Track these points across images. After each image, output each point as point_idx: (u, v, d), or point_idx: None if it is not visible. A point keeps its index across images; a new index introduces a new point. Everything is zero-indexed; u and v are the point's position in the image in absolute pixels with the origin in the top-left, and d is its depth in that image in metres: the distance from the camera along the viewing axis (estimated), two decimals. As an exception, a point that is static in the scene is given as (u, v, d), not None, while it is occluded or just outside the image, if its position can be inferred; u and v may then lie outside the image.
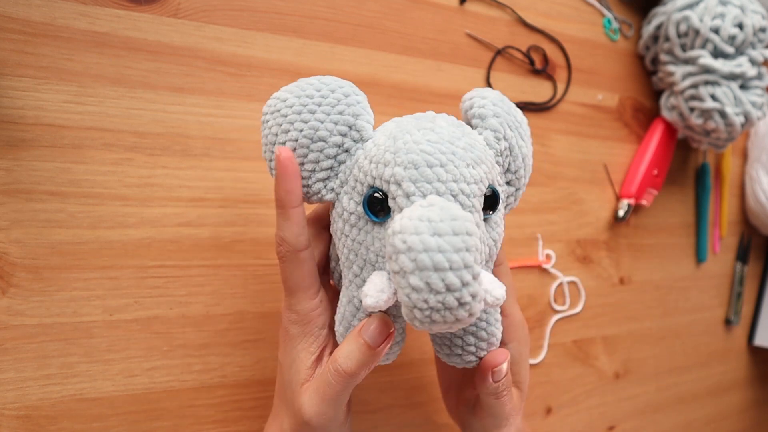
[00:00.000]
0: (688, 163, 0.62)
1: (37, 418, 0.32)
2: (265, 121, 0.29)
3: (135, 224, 0.34)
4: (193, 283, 0.36)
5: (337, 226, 0.29)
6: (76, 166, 0.33)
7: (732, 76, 0.49)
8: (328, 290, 0.31)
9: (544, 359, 0.50)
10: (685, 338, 0.62)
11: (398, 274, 0.22)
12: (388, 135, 0.27)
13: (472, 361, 0.30)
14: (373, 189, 0.26)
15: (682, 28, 0.50)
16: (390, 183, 0.25)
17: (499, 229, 0.29)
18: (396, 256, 0.22)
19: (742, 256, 0.67)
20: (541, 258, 0.50)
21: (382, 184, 0.26)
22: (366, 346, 0.27)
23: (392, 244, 0.22)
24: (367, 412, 0.41)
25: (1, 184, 0.31)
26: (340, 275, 0.30)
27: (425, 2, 0.45)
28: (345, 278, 0.29)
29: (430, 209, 0.22)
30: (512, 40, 0.49)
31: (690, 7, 0.50)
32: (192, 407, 0.36)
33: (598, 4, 0.54)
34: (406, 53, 0.44)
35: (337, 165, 0.28)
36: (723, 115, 0.50)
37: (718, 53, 0.49)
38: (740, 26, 0.49)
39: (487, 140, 0.29)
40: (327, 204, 0.31)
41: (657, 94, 0.58)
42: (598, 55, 0.54)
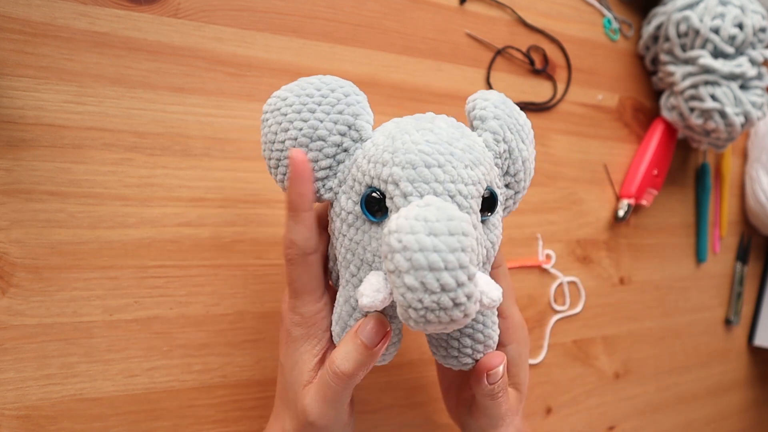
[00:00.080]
0: (688, 163, 0.62)
1: (37, 418, 0.32)
2: (265, 120, 0.29)
3: (135, 224, 0.34)
4: (193, 283, 0.36)
5: (335, 225, 0.29)
6: (76, 166, 0.33)
7: (732, 76, 0.49)
8: (328, 291, 0.31)
9: (544, 359, 0.50)
10: (685, 338, 0.62)
11: (393, 273, 0.22)
12: (387, 135, 0.27)
13: (469, 363, 0.30)
14: (371, 189, 0.26)
15: (682, 28, 0.50)
16: (388, 183, 0.25)
17: (497, 231, 0.29)
18: (391, 255, 0.22)
19: (742, 256, 0.67)
20: (541, 258, 0.50)
21: (380, 184, 0.26)
22: (363, 346, 0.27)
23: (388, 243, 0.22)
24: (367, 412, 0.41)
25: (1, 184, 0.31)
26: (337, 275, 0.30)
27: (425, 2, 0.45)
28: (342, 278, 0.29)
29: (426, 209, 0.22)
30: (512, 40, 0.49)
31: (690, 7, 0.50)
32: (192, 407, 0.36)
33: (598, 4, 0.54)
34: (406, 53, 0.44)
35: (335, 164, 0.28)
36: (723, 115, 0.50)
37: (718, 53, 0.49)
38: (740, 26, 0.49)
39: (487, 142, 0.29)
40: (326, 204, 0.31)
41: (657, 94, 0.58)
42: (598, 55, 0.54)
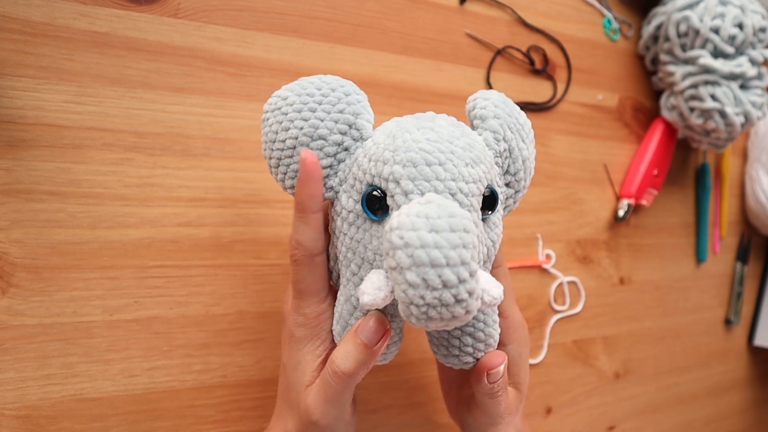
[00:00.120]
0: (688, 163, 0.62)
1: (37, 418, 0.32)
2: (266, 119, 0.29)
3: (135, 224, 0.34)
4: (193, 283, 0.36)
5: (336, 224, 0.29)
6: (76, 166, 0.33)
7: (732, 76, 0.49)
8: (331, 292, 0.31)
9: (544, 359, 0.50)
10: (685, 338, 0.62)
11: (395, 270, 0.22)
12: (388, 134, 0.27)
13: (470, 362, 0.30)
14: (371, 187, 0.26)
15: (682, 28, 0.50)
16: (388, 181, 0.25)
17: (497, 230, 0.29)
18: (393, 252, 0.22)
19: (742, 256, 0.67)
20: (541, 258, 0.50)
21: (381, 182, 0.26)
22: (363, 345, 0.27)
23: (389, 240, 0.22)
24: (367, 412, 0.41)
25: (1, 184, 0.31)
26: (338, 274, 0.30)
27: (425, 2, 0.45)
28: (343, 277, 0.29)
29: (427, 206, 0.22)
30: (512, 40, 0.49)
31: (690, 7, 0.50)
32: (192, 407, 0.36)
33: (598, 4, 0.54)
34: (406, 53, 0.44)
35: (336, 163, 0.28)
36: (723, 115, 0.50)
37: (718, 53, 0.49)
38: (740, 26, 0.49)
39: (487, 141, 0.29)
40: (327, 203, 0.31)
41: (657, 94, 0.58)
42: (598, 55, 0.54)
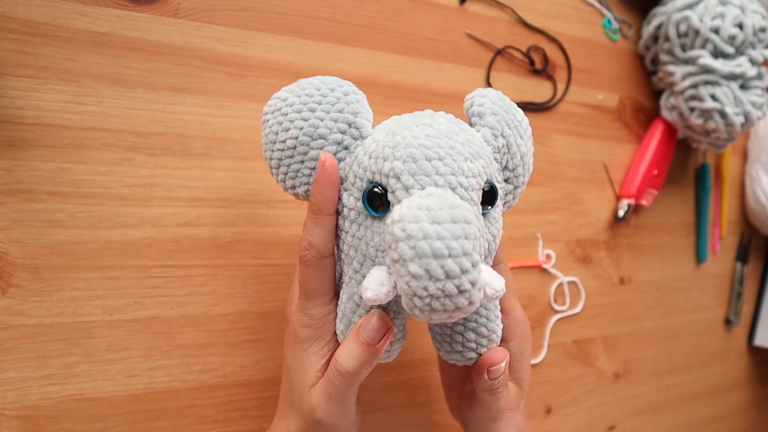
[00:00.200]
0: (688, 163, 0.62)
1: (37, 418, 0.32)
2: (266, 121, 0.29)
3: (135, 224, 0.34)
4: (193, 283, 0.36)
5: (337, 223, 0.29)
6: (76, 166, 0.33)
7: (732, 76, 0.49)
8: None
9: (544, 359, 0.50)
10: (685, 338, 0.62)
11: (397, 262, 0.22)
12: (387, 131, 0.27)
13: (473, 358, 0.30)
14: (372, 184, 0.26)
15: (682, 28, 0.50)
16: (389, 177, 0.26)
17: (497, 225, 0.29)
18: (395, 245, 0.22)
19: (742, 256, 0.67)
20: (541, 258, 0.50)
21: (382, 179, 0.26)
22: (365, 344, 0.27)
23: (391, 232, 0.22)
24: (367, 412, 0.41)
25: (1, 184, 0.31)
26: (341, 274, 0.30)
27: (425, 2, 0.45)
28: (345, 275, 0.29)
29: (428, 198, 0.23)
30: (512, 40, 0.49)
31: (690, 7, 0.50)
32: (192, 407, 0.36)
33: (598, 4, 0.54)
34: (406, 53, 0.44)
35: (337, 162, 0.28)
36: (723, 115, 0.50)
37: (718, 53, 0.49)
38: (740, 26, 0.49)
39: (485, 137, 0.29)
40: None
41: (657, 94, 0.58)
42: (598, 55, 0.54)
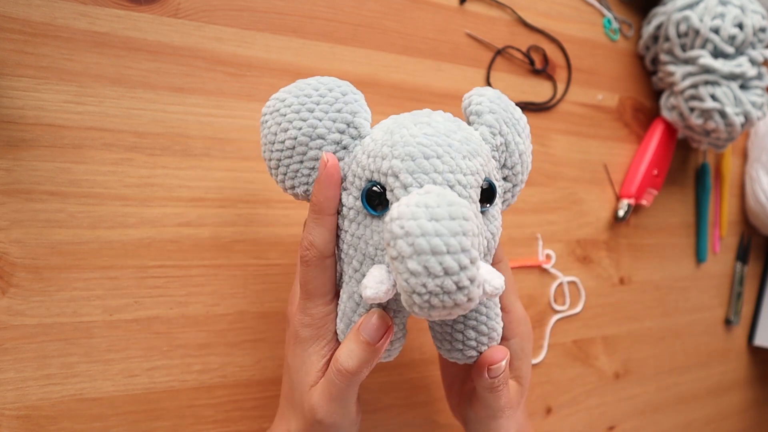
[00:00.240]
0: (688, 163, 0.62)
1: (37, 418, 0.32)
2: (264, 122, 0.29)
3: (135, 224, 0.34)
4: (193, 283, 0.36)
5: (337, 222, 0.29)
6: (76, 166, 0.33)
7: (732, 76, 0.49)
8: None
9: (544, 359, 0.50)
10: (685, 338, 0.62)
11: (396, 259, 0.22)
12: (386, 130, 0.27)
13: (473, 356, 0.30)
14: (371, 183, 0.26)
15: (682, 28, 0.50)
16: (388, 175, 0.26)
17: (496, 223, 0.29)
18: (394, 242, 0.22)
19: (742, 256, 0.67)
20: (541, 258, 0.50)
21: (380, 177, 0.26)
22: (365, 343, 0.27)
23: (390, 230, 0.22)
24: (367, 412, 0.41)
25: (1, 184, 0.31)
26: (340, 273, 0.30)
27: (425, 2, 0.45)
28: (345, 274, 0.29)
29: (426, 196, 0.23)
30: (512, 40, 0.49)
31: (690, 7, 0.50)
32: (192, 407, 0.36)
33: (598, 4, 0.54)
34: (406, 53, 0.44)
35: (338, 163, 0.28)
36: (723, 115, 0.50)
37: (718, 53, 0.49)
38: (740, 26, 0.49)
39: (483, 135, 0.29)
40: None
41: (657, 94, 0.58)
42: (598, 55, 0.54)
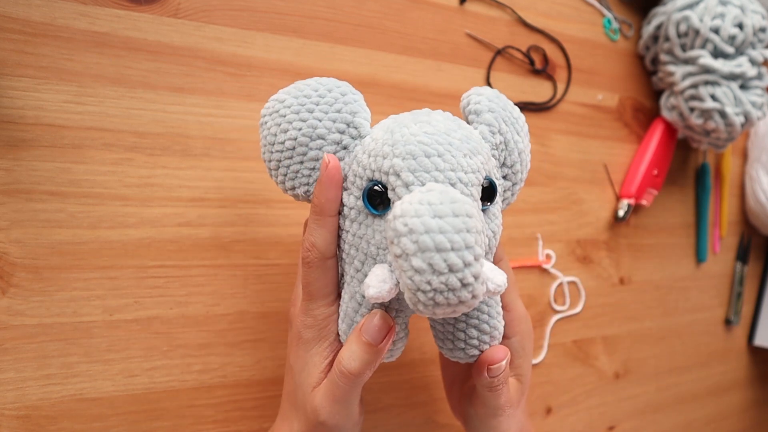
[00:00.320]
0: (688, 163, 0.62)
1: (37, 418, 0.32)
2: (264, 123, 0.29)
3: (135, 224, 0.34)
4: (193, 283, 0.36)
5: (338, 222, 0.29)
6: (76, 166, 0.33)
7: (732, 76, 0.49)
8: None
9: (544, 359, 0.50)
10: (685, 338, 0.62)
11: (400, 257, 0.22)
12: (386, 129, 0.27)
13: (475, 355, 0.30)
14: (372, 182, 0.26)
15: (682, 28, 0.50)
16: (389, 174, 0.26)
17: (497, 221, 0.29)
18: (398, 240, 0.22)
19: (742, 256, 0.67)
20: (541, 258, 0.50)
21: (381, 177, 0.26)
22: (368, 344, 0.27)
23: (393, 228, 0.22)
24: (367, 412, 0.41)
25: (1, 184, 0.31)
26: (342, 274, 0.30)
27: (425, 2, 0.45)
28: (347, 274, 0.29)
29: (429, 193, 0.23)
30: (512, 40, 0.49)
31: (690, 7, 0.50)
32: (192, 407, 0.36)
33: (598, 4, 0.54)
34: (406, 53, 0.44)
35: (339, 164, 0.28)
36: (723, 115, 0.50)
37: (718, 53, 0.49)
38: (740, 26, 0.49)
39: (483, 134, 0.29)
40: None
41: (657, 94, 0.58)
42: (598, 55, 0.54)
